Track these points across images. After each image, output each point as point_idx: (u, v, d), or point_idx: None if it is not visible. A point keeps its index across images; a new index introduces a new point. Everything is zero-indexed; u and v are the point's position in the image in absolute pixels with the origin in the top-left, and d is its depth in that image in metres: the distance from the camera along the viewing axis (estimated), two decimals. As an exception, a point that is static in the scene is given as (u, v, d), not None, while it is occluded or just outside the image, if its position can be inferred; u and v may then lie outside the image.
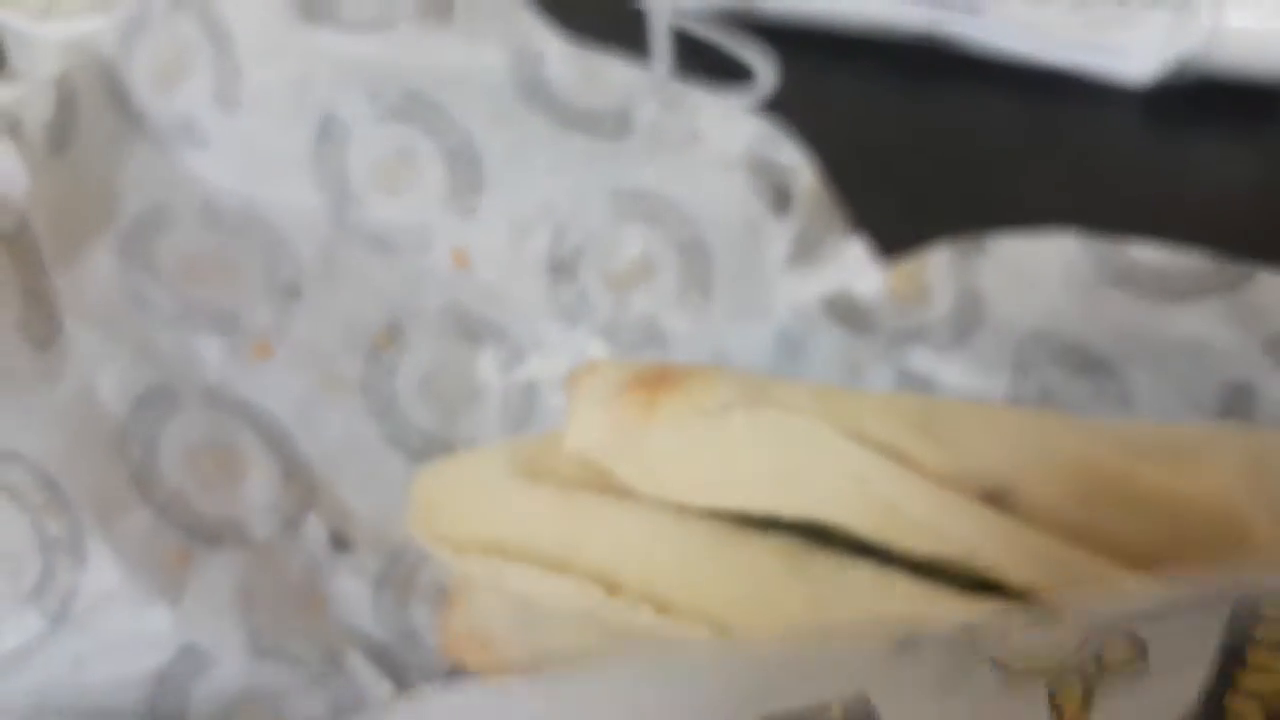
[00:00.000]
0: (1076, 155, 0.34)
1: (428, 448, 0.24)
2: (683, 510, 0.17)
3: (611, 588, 0.16)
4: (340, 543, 0.23)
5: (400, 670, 0.21)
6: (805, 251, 0.24)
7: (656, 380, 0.19)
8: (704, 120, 0.23)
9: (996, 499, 0.16)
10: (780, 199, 0.24)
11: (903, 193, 0.25)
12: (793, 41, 0.37)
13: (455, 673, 0.21)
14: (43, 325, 0.21)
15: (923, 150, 0.33)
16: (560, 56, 0.24)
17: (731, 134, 0.23)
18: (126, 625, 0.19)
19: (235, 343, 0.24)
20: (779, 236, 0.25)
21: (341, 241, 0.26)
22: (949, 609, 0.15)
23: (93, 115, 0.24)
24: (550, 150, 0.25)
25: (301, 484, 0.23)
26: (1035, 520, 0.16)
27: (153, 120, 0.25)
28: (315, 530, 0.23)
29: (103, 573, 0.19)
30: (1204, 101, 0.33)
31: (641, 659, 0.16)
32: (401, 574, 0.23)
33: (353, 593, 0.22)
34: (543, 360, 0.26)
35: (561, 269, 0.26)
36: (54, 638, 0.19)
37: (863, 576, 0.15)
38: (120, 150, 0.25)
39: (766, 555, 0.16)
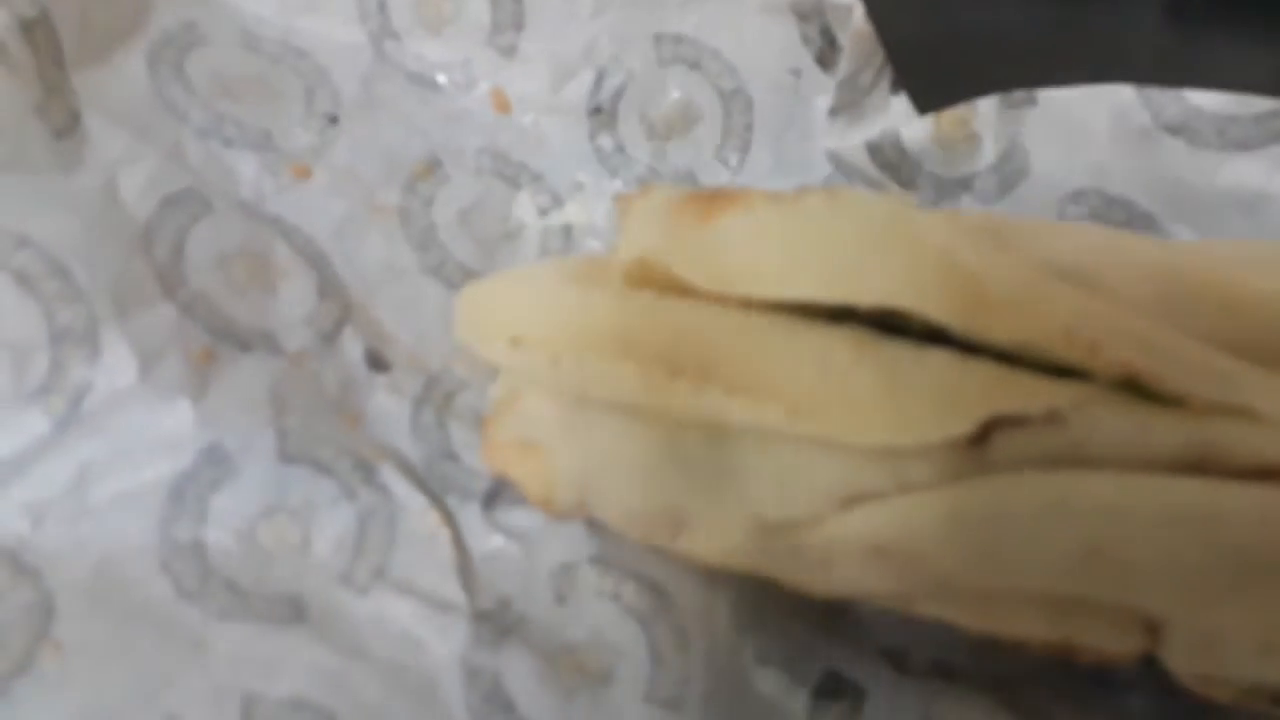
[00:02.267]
0: (1097, 56, 0.31)
1: (466, 280, 0.22)
2: (747, 303, 0.15)
3: (674, 373, 0.14)
4: (377, 362, 0.21)
5: (437, 487, 0.19)
6: (851, 101, 0.22)
7: (713, 195, 0.17)
8: None
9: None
10: (827, 47, 0.22)
11: (923, 97, 0.23)
12: None
13: (497, 486, 0.19)
14: (61, 114, 0.18)
15: (945, 53, 0.30)
16: None
17: None
18: (142, 425, 0.17)
19: (271, 161, 0.21)
20: (824, 88, 0.22)
21: (381, 76, 0.24)
22: (1034, 391, 0.13)
23: None
24: None
25: (337, 302, 0.21)
26: (1124, 315, 0.14)
27: None
28: (351, 346, 0.20)
29: (118, 366, 0.17)
30: (1226, 3, 0.31)
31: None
32: (439, 396, 0.20)
33: (390, 410, 0.20)
34: (580, 206, 0.24)
35: (601, 114, 0.24)
36: (58, 442, 0.16)
37: (941, 358, 0.14)
38: None
39: (839, 341, 0.14)
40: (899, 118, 0.22)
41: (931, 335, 0.14)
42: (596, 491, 0.17)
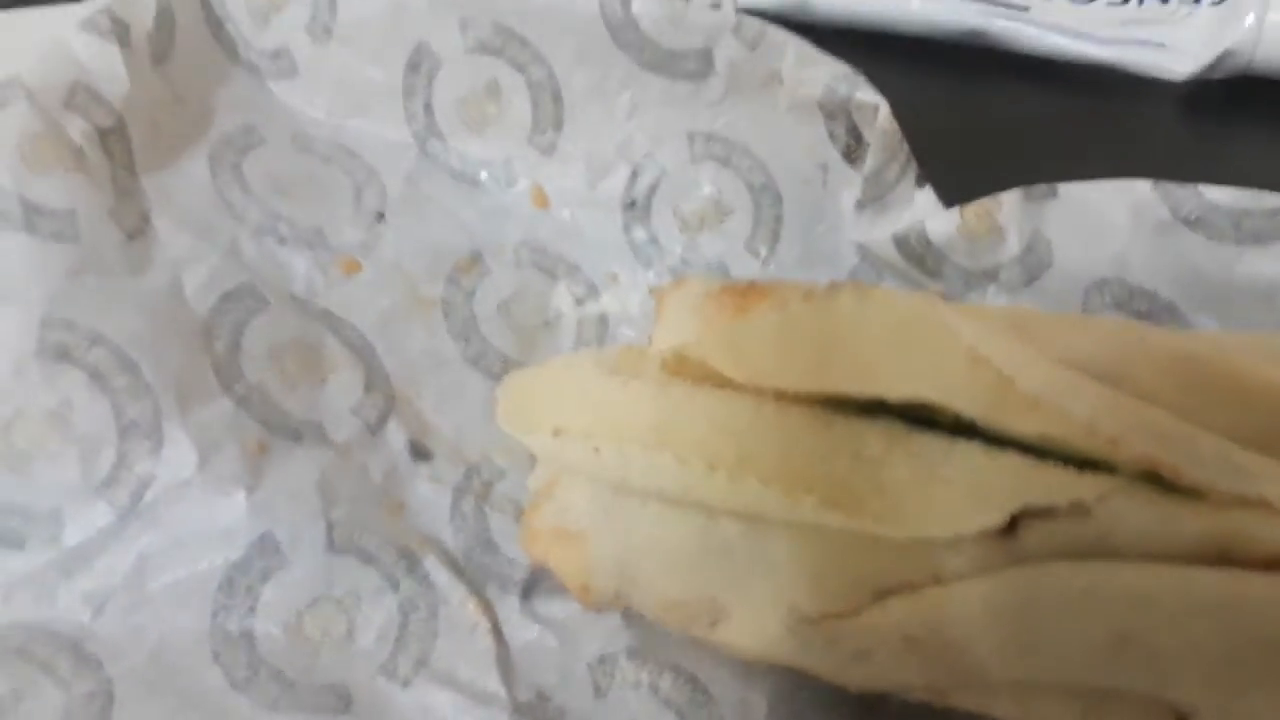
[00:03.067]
0: (1119, 148, 0.33)
1: (505, 369, 0.23)
2: (781, 395, 0.16)
3: (712, 465, 0.15)
4: (419, 452, 0.22)
5: (477, 577, 0.20)
6: (877, 195, 0.24)
7: (746, 288, 0.18)
8: (785, 61, 0.23)
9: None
10: (854, 143, 0.23)
11: (950, 187, 0.25)
12: (843, 38, 0.36)
13: (535, 576, 0.20)
14: (132, 217, 0.20)
15: (970, 144, 0.32)
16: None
17: (811, 76, 0.23)
18: (199, 516, 0.18)
19: (322, 257, 0.23)
20: (851, 182, 0.24)
21: (426, 174, 0.26)
22: (1060, 484, 0.14)
23: (189, 36, 0.24)
24: (631, 90, 0.24)
25: (382, 393, 0.22)
26: (1143, 405, 0.15)
27: (246, 49, 0.25)
28: (395, 437, 0.22)
29: (179, 459, 0.18)
30: (1243, 95, 0.33)
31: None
32: (479, 485, 0.22)
33: (431, 499, 0.21)
34: (615, 296, 0.25)
35: (636, 208, 0.25)
36: (121, 532, 0.18)
37: (970, 452, 0.15)
38: (213, 72, 0.25)
39: (871, 434, 0.15)
40: (924, 210, 0.23)
41: (960, 428, 0.15)
42: (634, 580, 0.17)
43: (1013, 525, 0.14)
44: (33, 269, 0.18)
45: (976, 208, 0.22)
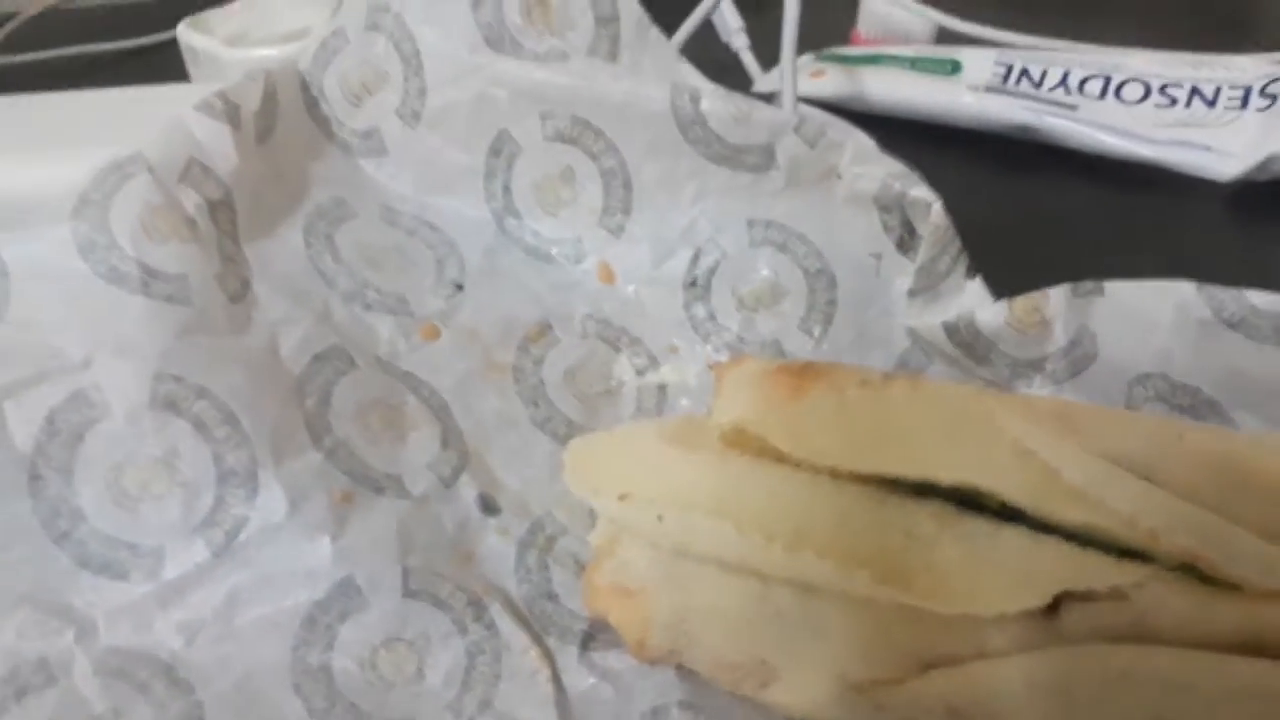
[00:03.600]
0: (1164, 244, 0.34)
1: (570, 432, 0.25)
2: (836, 474, 0.17)
3: (770, 536, 0.17)
4: (489, 506, 0.23)
5: (538, 626, 0.22)
6: (928, 285, 0.25)
7: (802, 369, 0.20)
8: (843, 158, 0.25)
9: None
10: (908, 235, 0.25)
11: (999, 276, 0.26)
12: (895, 129, 0.38)
13: (594, 629, 0.21)
14: (235, 282, 0.22)
15: (1019, 236, 0.34)
16: (715, 95, 0.26)
17: (868, 172, 0.25)
18: (287, 557, 0.20)
19: (405, 323, 0.25)
20: (903, 270, 0.25)
21: (502, 249, 0.28)
22: (1101, 570, 0.15)
23: (289, 115, 0.27)
24: (697, 180, 0.27)
25: (457, 450, 0.24)
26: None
27: (339, 127, 0.28)
28: (467, 491, 0.23)
29: (272, 505, 0.20)
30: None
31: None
32: (543, 540, 0.23)
33: (499, 551, 0.23)
34: (674, 368, 0.27)
35: (696, 287, 0.27)
36: (215, 570, 0.19)
37: (1017, 536, 0.16)
38: (309, 149, 0.27)
39: (923, 515, 0.16)
40: (974, 300, 0.25)
41: (1006, 513, 0.16)
42: (689, 639, 0.19)
43: (1054, 606, 0.15)
44: (148, 327, 0.20)
45: (1025, 301, 0.23)
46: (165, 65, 0.41)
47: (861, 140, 0.25)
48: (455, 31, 0.26)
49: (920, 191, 0.24)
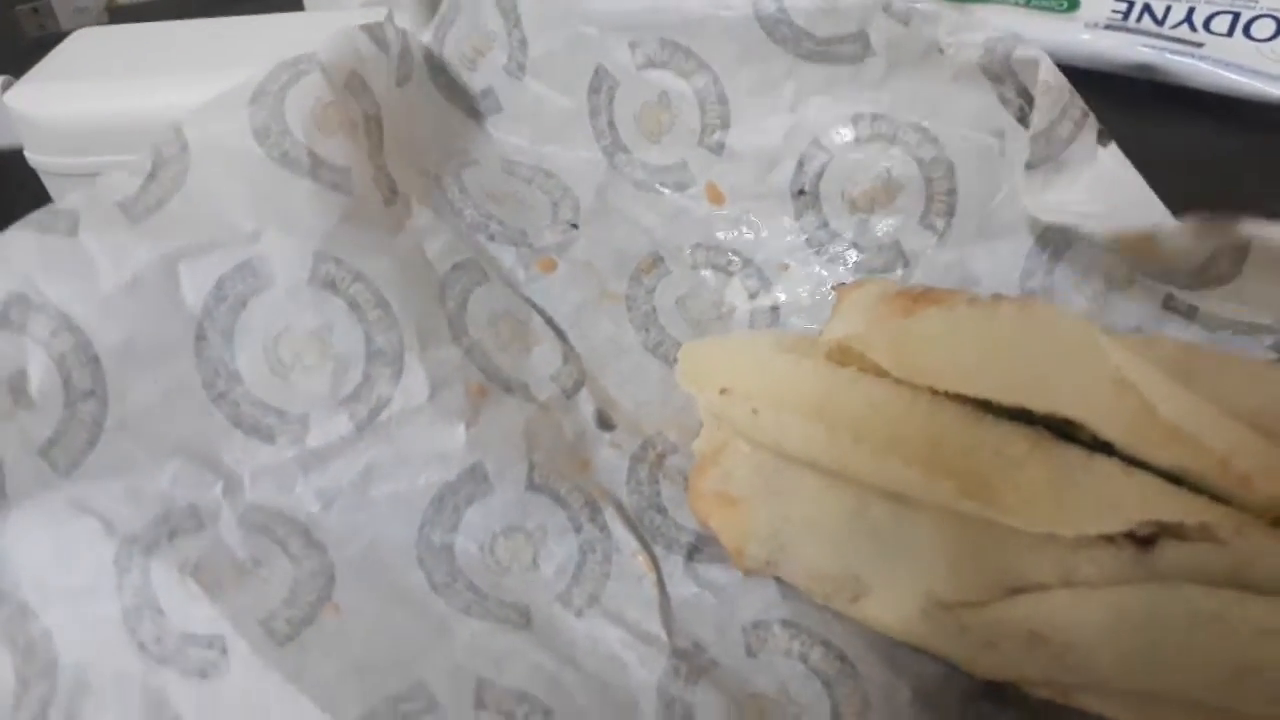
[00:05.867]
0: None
1: None
2: (935, 393, 0.18)
3: (859, 439, 0.17)
4: (604, 421, 0.25)
5: (647, 534, 0.22)
6: (1049, 154, 0.24)
7: (921, 294, 0.20)
8: (940, 29, 0.25)
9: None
10: (1027, 106, 0.24)
11: None
12: None
13: (699, 541, 0.22)
14: (386, 188, 0.25)
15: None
16: None
17: (969, 40, 0.24)
18: (424, 439, 0.22)
19: (524, 255, 0.27)
20: (1025, 145, 0.25)
21: (613, 185, 0.29)
22: (1190, 508, 0.15)
23: (420, 77, 0.29)
24: (793, 82, 0.27)
25: (576, 367, 0.25)
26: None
27: (462, 89, 0.30)
28: (585, 405, 0.25)
29: (415, 387, 0.22)
30: None
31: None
32: (653, 456, 0.24)
33: (612, 463, 0.24)
34: (786, 287, 0.27)
35: (805, 195, 0.28)
36: (355, 443, 0.21)
37: (1107, 466, 0.16)
38: (435, 113, 0.29)
39: (1015, 435, 0.17)
40: (1111, 169, 0.24)
41: (1098, 447, 0.16)
42: (786, 550, 0.19)
43: (1149, 543, 0.15)
44: (314, 209, 0.22)
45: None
46: None
47: (956, 10, 0.25)
48: None
49: (1025, 50, 0.24)
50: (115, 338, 0.20)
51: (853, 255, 0.27)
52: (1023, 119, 0.25)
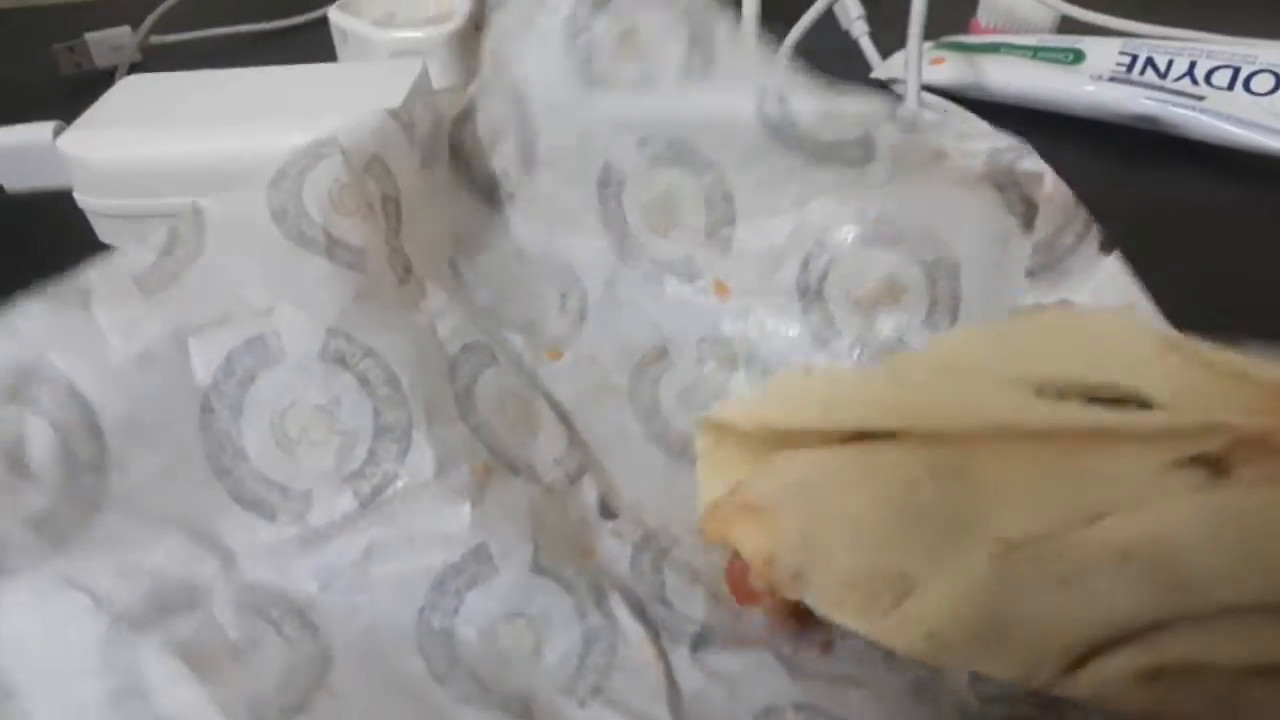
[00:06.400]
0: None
1: (685, 448, 0.26)
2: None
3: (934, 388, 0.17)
4: (606, 509, 0.25)
5: (652, 627, 0.22)
6: (1049, 262, 0.25)
7: None
8: (945, 137, 0.26)
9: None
10: (1029, 211, 0.25)
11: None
12: (1014, 118, 0.39)
13: (705, 631, 0.22)
14: (400, 268, 0.25)
15: (1140, 228, 0.34)
16: (803, 95, 0.27)
17: (974, 148, 0.25)
18: (428, 517, 0.21)
19: (533, 342, 0.28)
20: (1028, 251, 0.25)
21: (622, 277, 0.30)
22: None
23: (444, 158, 0.30)
24: (797, 183, 0.28)
25: (580, 453, 0.25)
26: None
27: (478, 176, 0.31)
28: (589, 491, 0.25)
29: (421, 464, 0.22)
30: None
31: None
32: (656, 548, 0.24)
33: (615, 552, 0.24)
34: None
35: (809, 294, 0.28)
36: (357, 521, 0.21)
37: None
38: (454, 196, 0.30)
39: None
40: (1112, 280, 0.24)
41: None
42: (818, 556, 0.18)
43: (1221, 469, 0.15)
44: (327, 286, 0.22)
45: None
46: (311, 45, 0.44)
47: (963, 116, 0.26)
48: (555, 76, 0.29)
49: (1030, 163, 0.25)
50: (121, 409, 0.20)
51: (856, 352, 0.28)
52: (1026, 224, 0.25)
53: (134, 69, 0.45)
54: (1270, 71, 0.37)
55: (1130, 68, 0.40)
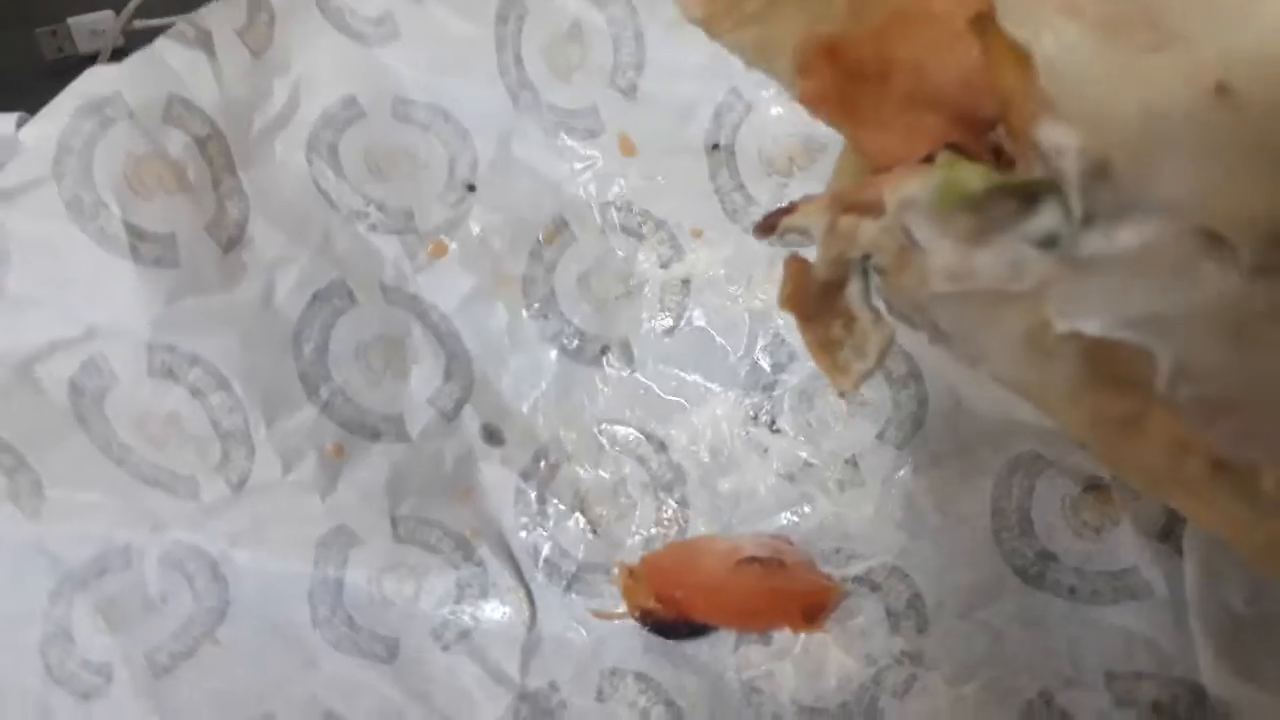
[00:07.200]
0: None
1: (581, 345, 0.25)
2: None
3: None
4: (492, 436, 0.25)
5: (527, 562, 0.23)
6: None
7: None
8: None
9: None
10: None
11: None
12: None
13: (580, 571, 0.23)
14: (231, 227, 0.24)
15: None
16: None
17: None
18: (287, 510, 0.23)
19: (411, 243, 0.26)
20: None
21: (518, 131, 0.26)
22: None
23: (294, 15, 0.26)
24: None
25: (460, 381, 0.25)
26: None
27: (351, 17, 0.27)
28: (470, 422, 0.25)
29: (268, 465, 0.23)
30: None
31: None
32: (545, 470, 0.24)
33: (499, 483, 0.24)
34: (700, 256, 0.25)
35: (719, 151, 0.25)
36: (237, 501, 0.23)
37: None
38: (317, 46, 0.26)
39: None
40: None
41: None
42: None
43: None
44: (139, 295, 0.22)
45: None
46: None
47: None
48: None
49: None
50: (12, 428, 0.22)
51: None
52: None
53: (116, 54, 0.41)
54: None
55: None
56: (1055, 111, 0.10)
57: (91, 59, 0.43)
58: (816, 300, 0.14)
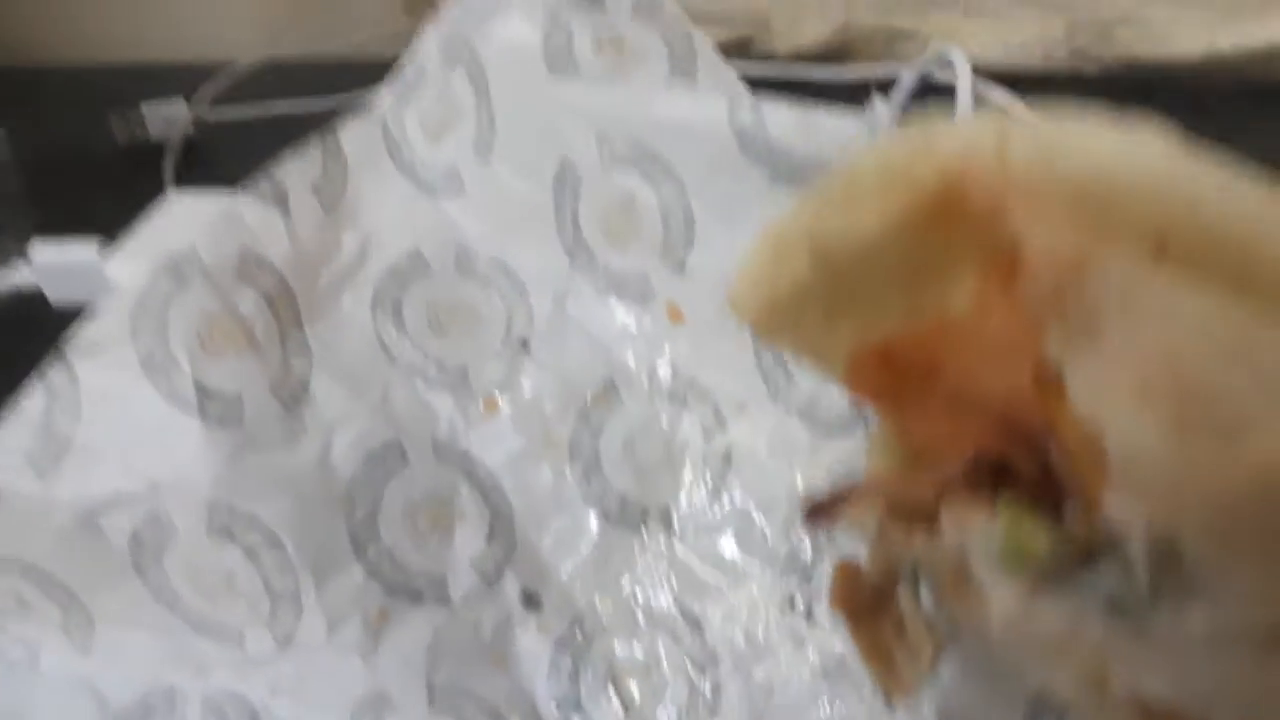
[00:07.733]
0: None
1: (622, 510, 0.26)
2: None
3: None
4: (531, 601, 0.25)
5: None
6: None
7: None
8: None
9: None
10: None
11: None
12: None
13: None
14: (294, 384, 0.25)
15: None
16: (778, 106, 0.24)
17: None
18: (327, 673, 0.24)
19: (464, 400, 0.27)
20: None
21: (573, 291, 0.28)
22: None
23: (366, 167, 0.28)
24: (763, 204, 0.25)
25: (503, 542, 0.26)
26: None
27: (421, 169, 0.29)
28: (510, 587, 0.25)
29: (313, 627, 0.24)
30: None
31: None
32: (580, 640, 0.25)
33: (533, 651, 0.24)
34: (742, 430, 0.26)
35: None
36: (282, 655, 0.24)
37: None
38: (387, 197, 0.28)
39: None
40: None
41: None
42: None
43: None
44: (203, 454, 0.23)
45: None
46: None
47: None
48: (523, 59, 0.27)
49: None
50: (67, 570, 0.23)
51: (811, 408, 0.25)
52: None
53: (187, 143, 0.44)
54: None
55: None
56: (1122, 485, 0.11)
57: (161, 147, 0.45)
58: (868, 601, 0.14)
